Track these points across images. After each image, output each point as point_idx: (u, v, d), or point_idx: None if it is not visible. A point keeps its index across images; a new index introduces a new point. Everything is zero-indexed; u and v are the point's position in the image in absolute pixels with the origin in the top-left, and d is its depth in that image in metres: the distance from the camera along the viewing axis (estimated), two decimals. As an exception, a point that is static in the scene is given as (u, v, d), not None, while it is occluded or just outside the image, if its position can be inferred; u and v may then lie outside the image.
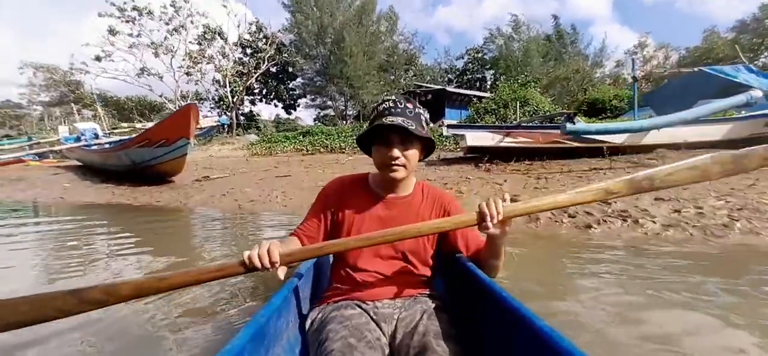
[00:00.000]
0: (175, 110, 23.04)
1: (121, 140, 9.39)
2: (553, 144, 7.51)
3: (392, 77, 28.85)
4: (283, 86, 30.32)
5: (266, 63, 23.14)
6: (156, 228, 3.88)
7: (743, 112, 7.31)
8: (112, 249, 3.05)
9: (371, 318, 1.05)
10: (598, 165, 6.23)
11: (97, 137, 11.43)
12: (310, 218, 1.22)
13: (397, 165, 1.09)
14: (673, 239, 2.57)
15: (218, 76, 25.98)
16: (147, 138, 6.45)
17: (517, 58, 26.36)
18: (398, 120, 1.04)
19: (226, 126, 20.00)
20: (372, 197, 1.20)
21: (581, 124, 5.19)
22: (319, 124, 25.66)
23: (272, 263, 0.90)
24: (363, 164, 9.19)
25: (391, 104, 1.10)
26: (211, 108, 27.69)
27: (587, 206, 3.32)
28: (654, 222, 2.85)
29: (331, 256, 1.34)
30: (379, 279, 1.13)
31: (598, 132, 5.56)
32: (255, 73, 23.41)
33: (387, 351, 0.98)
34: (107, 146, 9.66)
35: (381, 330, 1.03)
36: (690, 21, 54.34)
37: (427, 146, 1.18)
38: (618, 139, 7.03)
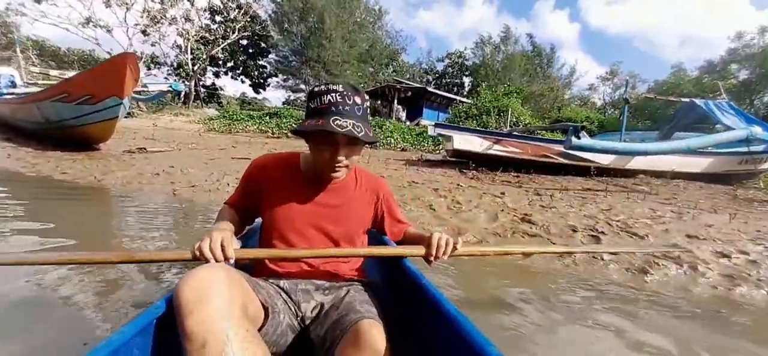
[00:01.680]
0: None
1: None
2: (542, 158, 7.08)
3: (371, 69, 27.92)
4: (253, 62, 28.20)
5: (237, 33, 21.16)
6: (37, 212, 2.73)
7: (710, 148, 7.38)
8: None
9: (289, 297, 1.00)
10: (593, 186, 5.78)
11: (14, 85, 9.39)
12: (237, 193, 1.17)
13: (340, 168, 1.01)
14: (754, 301, 1.96)
15: (180, 41, 23.52)
16: (65, 91, 5.02)
17: (498, 69, 26.62)
18: (347, 124, 0.93)
19: (180, 95, 17.92)
20: (305, 182, 1.11)
21: (586, 139, 4.65)
22: (289, 107, 24.06)
23: (226, 259, 0.86)
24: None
25: (338, 98, 0.96)
26: (169, 74, 25.08)
27: (625, 244, 2.69)
28: (710, 269, 2.25)
29: (258, 236, 1.24)
30: (307, 263, 1.06)
31: (603, 150, 5.09)
32: (222, 42, 21.34)
33: (297, 330, 0.96)
34: (23, 96, 7.87)
35: (299, 309, 0.99)
36: (646, 59, 60.40)
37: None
38: (605, 160, 6.74)
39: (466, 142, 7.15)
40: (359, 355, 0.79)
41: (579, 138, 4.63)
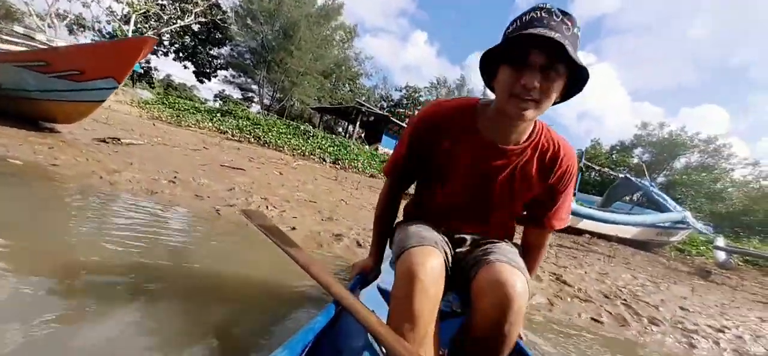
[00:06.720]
0: (35, 27, 17.09)
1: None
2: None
3: (330, 85, 27.84)
4: (203, 48, 25.87)
5: (193, 16, 19.31)
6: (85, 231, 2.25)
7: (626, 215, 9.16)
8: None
9: (447, 243, 1.01)
10: (560, 243, 6.69)
11: None
12: (398, 163, 1.13)
13: (530, 100, 0.82)
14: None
15: (116, 6, 20.57)
16: (44, 60, 4.11)
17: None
18: (552, 34, 0.75)
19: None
20: (479, 141, 0.98)
21: (575, 206, 5.42)
22: (242, 105, 22.44)
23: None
24: (314, 174, 8.05)
25: (544, 14, 0.78)
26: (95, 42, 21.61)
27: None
28: (727, 346, 2.86)
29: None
30: (462, 215, 1.09)
31: (590, 217, 5.97)
32: (175, 23, 19.26)
33: (449, 263, 0.97)
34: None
35: (453, 252, 1.02)
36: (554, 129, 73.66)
37: (573, 83, 0.86)
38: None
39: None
40: (499, 289, 0.83)
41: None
